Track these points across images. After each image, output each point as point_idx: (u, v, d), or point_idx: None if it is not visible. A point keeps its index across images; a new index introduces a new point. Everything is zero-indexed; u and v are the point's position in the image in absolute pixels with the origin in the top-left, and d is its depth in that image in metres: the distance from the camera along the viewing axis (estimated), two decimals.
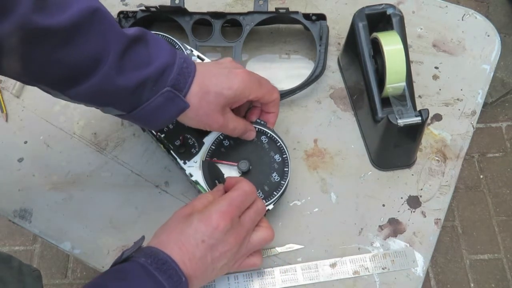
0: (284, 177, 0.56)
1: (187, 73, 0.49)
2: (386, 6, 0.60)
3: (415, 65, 0.69)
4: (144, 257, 0.46)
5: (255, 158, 0.57)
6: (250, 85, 0.52)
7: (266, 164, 0.56)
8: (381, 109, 0.59)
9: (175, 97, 0.48)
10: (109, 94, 0.46)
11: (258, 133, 0.58)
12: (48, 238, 0.62)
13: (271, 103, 0.56)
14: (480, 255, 1.38)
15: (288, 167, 0.56)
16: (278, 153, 0.57)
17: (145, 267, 0.45)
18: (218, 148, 0.57)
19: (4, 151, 0.68)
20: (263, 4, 0.68)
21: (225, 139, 0.58)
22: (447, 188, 0.62)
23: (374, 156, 0.63)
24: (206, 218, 0.48)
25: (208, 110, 0.50)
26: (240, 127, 0.55)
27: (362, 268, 0.58)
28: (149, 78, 0.46)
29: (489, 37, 0.71)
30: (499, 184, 1.47)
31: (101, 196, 0.64)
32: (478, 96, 0.67)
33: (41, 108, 0.70)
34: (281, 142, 0.57)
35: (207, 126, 0.53)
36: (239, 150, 0.57)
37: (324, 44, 0.66)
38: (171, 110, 0.49)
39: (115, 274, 0.46)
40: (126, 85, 0.46)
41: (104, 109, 0.50)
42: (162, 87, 0.47)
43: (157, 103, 0.48)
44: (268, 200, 0.55)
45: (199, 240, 0.47)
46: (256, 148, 0.57)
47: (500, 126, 1.55)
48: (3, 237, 1.45)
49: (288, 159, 0.57)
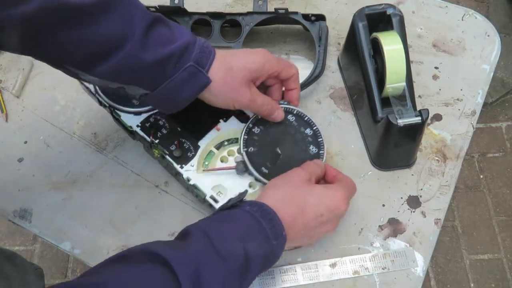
0: (321, 147, 0.58)
1: (208, 52, 0.50)
2: (386, 6, 0.60)
3: (415, 65, 0.69)
4: (250, 205, 0.49)
5: (289, 138, 0.58)
6: (270, 60, 0.54)
7: (301, 141, 0.58)
8: (381, 109, 0.59)
9: (198, 72, 0.49)
10: (134, 71, 0.47)
11: (284, 113, 0.58)
12: (48, 238, 0.62)
13: (291, 79, 0.57)
14: (480, 255, 1.38)
15: (321, 137, 0.58)
16: (308, 127, 0.59)
17: (251, 214, 0.48)
18: (251, 137, 0.57)
19: (4, 151, 0.68)
20: (263, 5, 0.68)
21: (255, 126, 0.58)
22: (447, 188, 0.62)
23: (374, 156, 0.63)
24: (334, 195, 0.52)
25: (234, 84, 0.51)
26: (268, 102, 0.55)
27: (362, 268, 0.58)
28: (173, 55, 0.48)
29: (489, 37, 0.71)
30: (499, 184, 1.47)
31: (101, 196, 0.64)
32: (478, 96, 0.67)
33: (41, 108, 0.70)
34: (308, 116, 0.59)
35: (235, 102, 0.53)
36: (271, 134, 0.58)
37: (323, 45, 0.66)
38: (194, 85, 0.50)
39: (222, 217, 0.48)
40: (151, 61, 0.47)
41: (129, 88, 0.50)
42: (185, 63, 0.49)
43: (180, 78, 0.49)
44: None
45: (319, 214, 0.50)
46: (287, 128, 0.58)
47: (500, 126, 1.55)
48: (3, 237, 1.45)
49: (318, 130, 0.59)
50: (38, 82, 0.72)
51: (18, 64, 0.73)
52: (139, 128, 0.58)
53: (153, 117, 0.59)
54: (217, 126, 0.59)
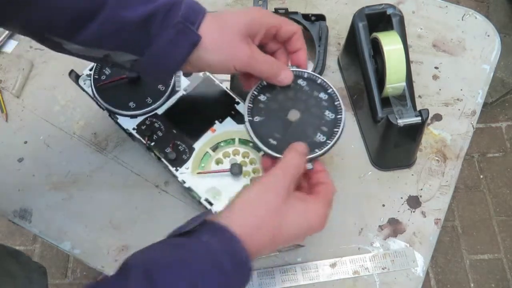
0: (339, 112, 0.51)
1: (198, 9, 0.47)
2: (386, 6, 0.60)
3: (415, 65, 0.69)
4: (210, 233, 0.39)
5: (301, 104, 0.52)
6: (266, 13, 0.50)
7: (315, 106, 0.51)
8: (381, 109, 0.59)
9: (186, 29, 0.45)
10: (117, 33, 0.45)
11: (294, 77, 0.52)
12: (48, 238, 0.62)
13: (294, 37, 0.51)
14: (480, 255, 1.38)
15: (338, 99, 0.51)
16: (323, 91, 0.52)
17: (210, 250, 0.38)
18: (257, 105, 0.51)
19: (4, 151, 0.68)
20: (262, 5, 0.68)
21: (260, 94, 0.52)
22: (447, 188, 0.62)
23: (374, 156, 0.63)
24: (315, 216, 0.44)
25: (229, 39, 0.47)
26: (273, 61, 0.50)
27: (362, 268, 0.58)
28: (157, 12, 0.45)
29: (489, 37, 0.71)
30: (499, 184, 1.47)
31: (101, 196, 0.64)
32: (478, 96, 0.67)
33: (41, 108, 0.70)
34: (321, 79, 0.52)
35: (233, 59, 0.47)
36: (280, 101, 0.52)
37: (323, 45, 0.66)
38: (183, 44, 0.46)
39: (172, 250, 0.39)
40: (134, 20, 0.44)
41: (115, 55, 0.47)
42: (172, 22, 0.45)
43: (168, 37, 0.45)
44: (331, 138, 0.50)
45: (293, 237, 0.44)
46: (297, 94, 0.52)
47: (500, 126, 1.55)
48: (3, 237, 1.45)
49: (335, 92, 0.52)
50: (38, 82, 0.72)
51: (18, 64, 0.73)
52: (135, 131, 0.58)
53: (148, 120, 0.59)
54: (213, 128, 0.59)
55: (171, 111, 0.59)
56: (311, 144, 0.48)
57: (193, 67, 0.48)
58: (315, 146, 0.49)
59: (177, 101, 0.59)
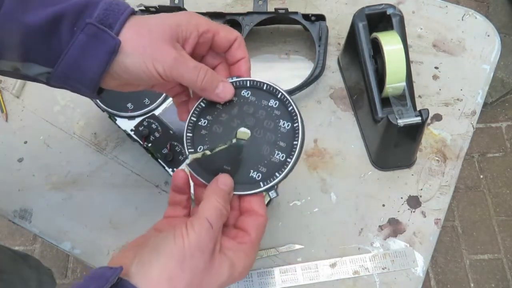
0: (295, 119, 0.42)
1: (118, 10, 0.40)
2: (386, 6, 0.60)
3: (415, 65, 0.69)
4: None
5: (250, 120, 0.43)
6: (198, 17, 0.43)
7: (266, 118, 0.43)
8: (381, 109, 0.59)
9: (100, 32, 0.39)
10: (20, 40, 0.39)
11: (236, 89, 0.44)
12: (48, 238, 0.62)
13: (234, 45, 0.44)
14: (480, 255, 1.38)
15: (291, 104, 0.42)
16: (272, 97, 0.43)
17: None
18: (198, 133, 0.43)
19: (4, 151, 0.68)
20: (263, 5, 0.68)
21: (200, 118, 0.44)
22: (447, 188, 0.62)
23: (374, 156, 0.63)
24: (242, 269, 0.39)
25: (151, 41, 0.40)
26: (205, 69, 0.42)
27: (362, 268, 0.58)
28: (65, 14, 0.38)
29: (489, 37, 0.71)
30: (499, 184, 1.47)
31: (101, 196, 0.64)
32: (478, 96, 0.67)
33: (41, 108, 0.70)
34: (267, 83, 0.43)
35: (156, 60, 0.40)
36: (225, 122, 0.43)
37: (323, 45, 0.66)
38: (99, 50, 0.39)
39: None
40: (36, 25, 0.38)
41: (25, 67, 0.41)
42: (83, 25, 0.39)
43: (79, 43, 0.39)
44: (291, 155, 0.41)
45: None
46: (242, 108, 0.43)
47: (500, 126, 1.55)
48: (3, 237, 1.45)
49: (286, 96, 0.43)
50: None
51: None
52: (133, 132, 0.58)
53: (146, 121, 0.59)
54: None
55: (168, 112, 0.59)
56: (269, 166, 0.41)
57: (119, 78, 0.41)
58: (274, 168, 0.41)
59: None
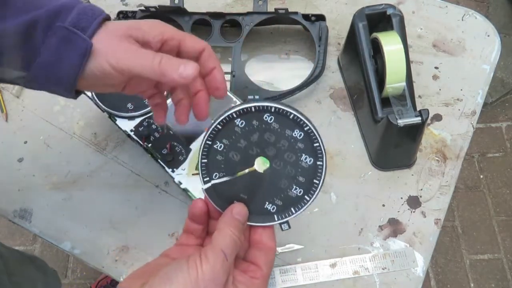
0: (319, 157, 0.39)
1: (92, 15, 0.41)
2: (386, 6, 0.60)
3: (415, 65, 0.69)
4: None
5: (270, 149, 0.40)
6: (162, 24, 0.43)
7: (288, 149, 0.40)
8: (381, 109, 0.59)
9: (72, 34, 0.40)
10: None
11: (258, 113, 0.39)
12: (48, 238, 0.62)
13: (203, 55, 0.44)
14: (480, 255, 1.38)
15: (318, 140, 0.39)
16: (297, 128, 0.40)
17: None
18: (213, 159, 0.40)
19: (4, 151, 0.68)
20: (263, 5, 0.68)
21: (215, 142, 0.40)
22: (447, 188, 0.62)
23: (374, 156, 0.63)
24: None
25: (108, 39, 0.41)
26: (160, 54, 0.40)
27: (362, 268, 0.58)
28: (39, 19, 0.40)
29: (489, 37, 0.71)
30: (499, 184, 1.47)
31: (101, 196, 0.64)
32: (478, 96, 0.67)
33: (41, 108, 0.70)
34: (295, 113, 0.39)
35: (110, 56, 0.40)
36: (243, 148, 0.40)
37: (323, 45, 0.66)
38: (71, 53, 0.40)
39: None
40: (12, 29, 0.39)
41: (1, 71, 0.42)
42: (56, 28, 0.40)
43: (50, 46, 0.40)
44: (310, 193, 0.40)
45: None
46: (264, 135, 0.40)
47: (500, 126, 1.55)
48: (3, 237, 1.45)
49: (314, 131, 0.40)
50: None
51: None
52: (132, 132, 0.58)
53: (146, 121, 0.59)
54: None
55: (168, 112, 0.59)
56: (285, 200, 0.39)
57: (89, 79, 0.41)
58: (290, 203, 0.40)
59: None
